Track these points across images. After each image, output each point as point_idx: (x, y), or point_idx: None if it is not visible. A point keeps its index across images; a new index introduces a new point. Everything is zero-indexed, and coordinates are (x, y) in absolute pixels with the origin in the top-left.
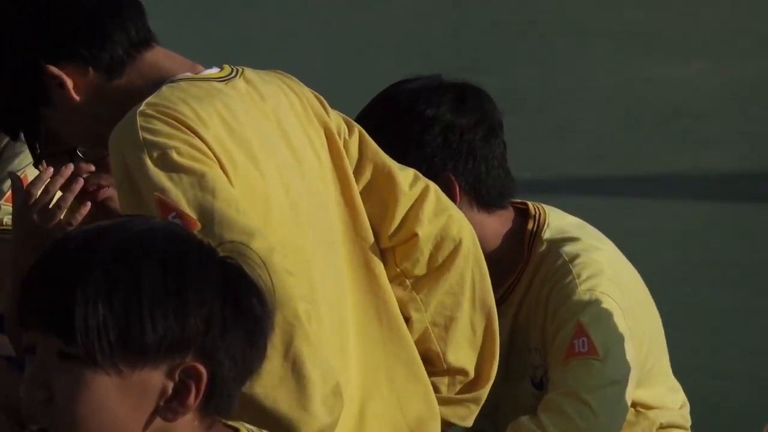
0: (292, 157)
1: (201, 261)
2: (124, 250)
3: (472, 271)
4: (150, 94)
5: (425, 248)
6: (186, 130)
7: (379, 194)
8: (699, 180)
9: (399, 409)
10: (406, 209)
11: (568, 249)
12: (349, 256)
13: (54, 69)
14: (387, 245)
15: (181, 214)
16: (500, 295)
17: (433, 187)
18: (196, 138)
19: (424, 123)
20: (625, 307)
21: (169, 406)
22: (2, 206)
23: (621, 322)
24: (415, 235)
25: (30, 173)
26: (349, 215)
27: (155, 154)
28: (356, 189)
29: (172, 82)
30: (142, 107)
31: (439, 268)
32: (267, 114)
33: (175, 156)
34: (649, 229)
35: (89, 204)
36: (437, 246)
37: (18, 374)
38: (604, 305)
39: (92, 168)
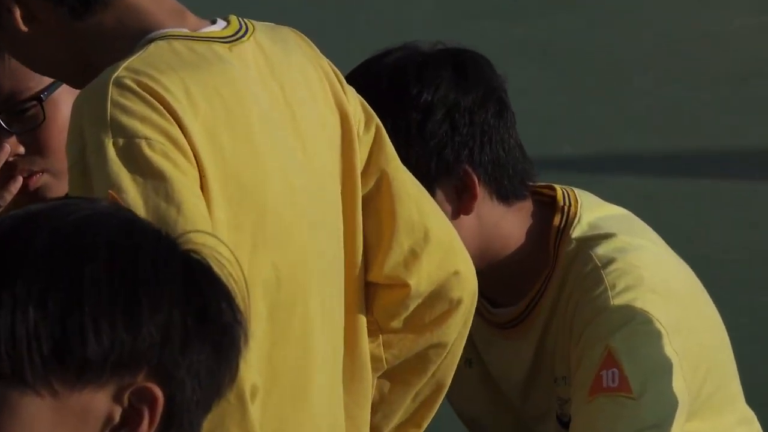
0: (301, 153)
1: (158, 256)
2: (62, 241)
3: (457, 335)
4: (125, 46)
5: (412, 304)
6: (167, 115)
7: (377, 215)
8: None
9: None
10: (407, 247)
11: (601, 250)
12: (345, 288)
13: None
14: (370, 280)
15: None
16: (520, 311)
17: (452, 234)
18: (177, 128)
19: (423, 109)
20: (673, 325)
21: None
22: None
23: (665, 347)
24: (406, 285)
25: None
26: (348, 234)
27: (121, 141)
28: (360, 201)
29: (163, 38)
30: (119, 72)
31: (421, 328)
32: (274, 93)
33: (145, 149)
34: (720, 218)
35: (20, 180)
36: (428, 304)
37: None
38: (643, 325)
39: (21, 150)
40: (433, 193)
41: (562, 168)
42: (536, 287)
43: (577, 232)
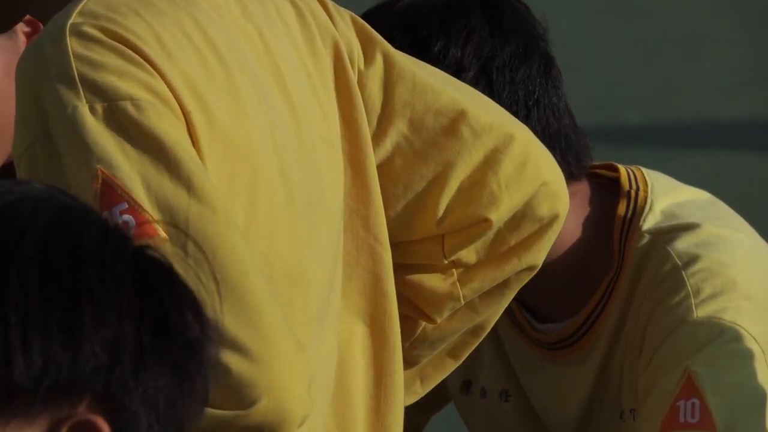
0: (289, 116)
1: (103, 252)
2: None
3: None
4: None
5: (492, 232)
6: (147, 66)
7: (418, 162)
8: None
9: None
10: (467, 173)
11: (681, 245)
12: (348, 259)
13: None
14: (431, 233)
15: (133, 208)
16: (576, 327)
17: (522, 135)
18: (161, 81)
19: (450, 67)
20: None
21: None
22: None
23: (760, 372)
24: (486, 220)
25: None
26: (355, 198)
27: (99, 106)
28: (370, 155)
29: None
30: (73, 18)
31: (504, 254)
32: (252, 38)
33: (132, 112)
34: None
35: None
36: (512, 226)
37: None
38: (734, 344)
39: None
40: None
41: (626, 141)
42: (597, 296)
43: (649, 222)
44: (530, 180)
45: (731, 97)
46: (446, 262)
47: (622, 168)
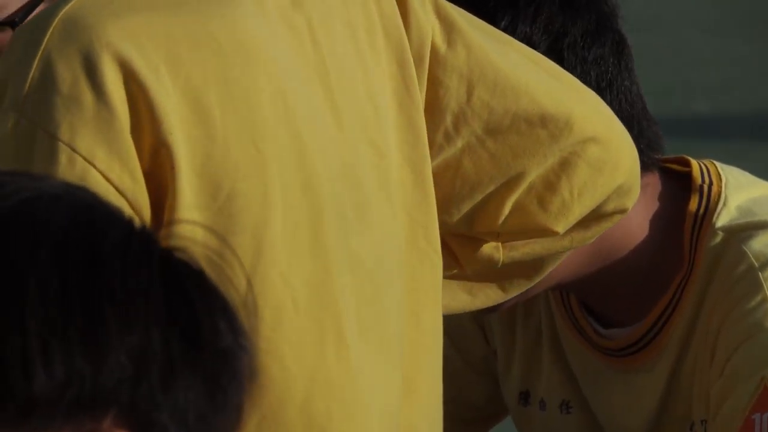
0: (326, 106)
1: (128, 255)
2: None
3: None
4: None
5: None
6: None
7: (490, 164)
8: None
9: None
10: (540, 174)
11: (758, 244)
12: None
13: None
14: (489, 230)
15: None
16: (645, 331)
17: (603, 131)
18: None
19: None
20: None
21: None
22: None
23: None
24: (553, 231)
25: None
26: (417, 207)
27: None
28: (428, 159)
29: None
30: (56, 22)
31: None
32: (298, 29)
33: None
34: None
35: None
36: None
37: None
38: None
39: None
40: None
41: (697, 133)
42: (666, 298)
43: (723, 219)
44: (605, 185)
45: None
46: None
47: (694, 162)
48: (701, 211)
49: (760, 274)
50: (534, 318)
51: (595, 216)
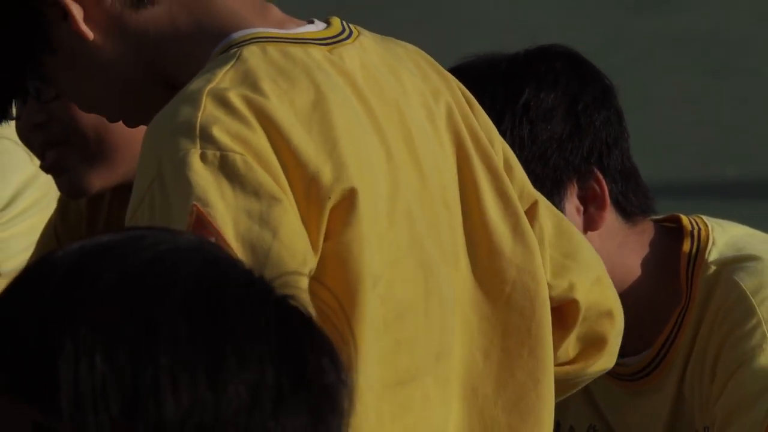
0: (418, 182)
1: (248, 301)
2: (136, 281)
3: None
4: (205, 51)
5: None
6: (265, 136)
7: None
8: None
9: None
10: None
11: (748, 275)
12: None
13: None
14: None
15: (221, 244)
16: (652, 357)
17: (602, 266)
18: (285, 147)
19: (541, 107)
20: None
21: None
22: None
23: None
24: (573, 301)
25: None
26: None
27: (211, 153)
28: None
29: (254, 41)
30: (215, 84)
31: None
32: (386, 103)
33: (240, 164)
34: None
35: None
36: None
37: None
38: None
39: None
40: (558, 206)
41: (725, 195)
42: (669, 326)
43: (713, 254)
44: (596, 278)
45: None
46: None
47: (683, 216)
48: (693, 251)
49: (752, 299)
50: None
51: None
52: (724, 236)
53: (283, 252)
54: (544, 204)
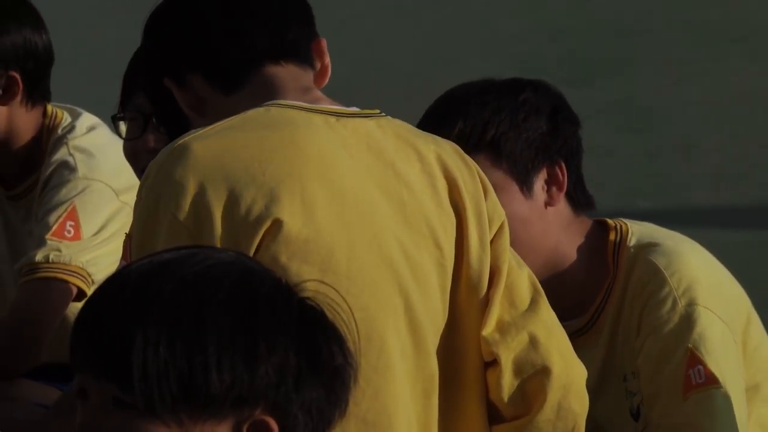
0: (402, 222)
1: (275, 302)
2: (189, 288)
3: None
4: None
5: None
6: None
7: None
8: None
9: None
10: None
11: (659, 255)
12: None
13: (186, 78)
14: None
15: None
16: (587, 320)
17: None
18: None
19: (530, 105)
20: (728, 319)
21: None
22: (48, 241)
23: (727, 336)
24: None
25: (78, 203)
26: (449, 318)
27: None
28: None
29: (270, 105)
30: (196, 133)
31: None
32: (384, 163)
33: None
34: None
35: None
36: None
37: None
38: (710, 321)
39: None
40: (531, 183)
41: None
42: (600, 296)
43: (632, 242)
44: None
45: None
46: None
47: (607, 219)
48: (618, 239)
49: (664, 272)
50: None
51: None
52: (639, 229)
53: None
54: (506, 227)
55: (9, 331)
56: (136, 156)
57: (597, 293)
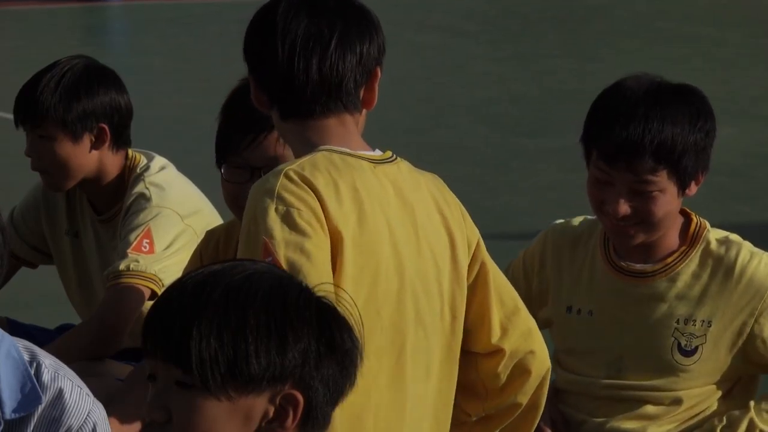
0: (413, 245)
1: (299, 303)
2: (234, 293)
3: (535, 391)
4: (305, 151)
5: (509, 365)
6: (316, 199)
7: (480, 298)
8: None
9: None
10: (502, 319)
11: (736, 242)
12: (443, 346)
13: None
14: (476, 350)
15: (275, 261)
16: (657, 268)
17: (532, 321)
18: (320, 208)
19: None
20: None
21: (270, 427)
22: (129, 254)
23: None
24: (502, 350)
25: (153, 225)
26: (450, 312)
27: (281, 207)
28: (464, 291)
29: (327, 150)
30: (292, 166)
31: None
32: (400, 203)
33: (296, 215)
34: None
35: None
36: (516, 369)
37: None
38: None
39: None
40: (690, 183)
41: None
42: (674, 256)
43: (708, 228)
44: (526, 344)
45: None
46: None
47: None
48: (698, 222)
49: (742, 246)
50: (578, 263)
51: (523, 374)
52: (711, 229)
53: (312, 269)
54: (482, 243)
55: (98, 324)
56: (237, 199)
57: (672, 254)
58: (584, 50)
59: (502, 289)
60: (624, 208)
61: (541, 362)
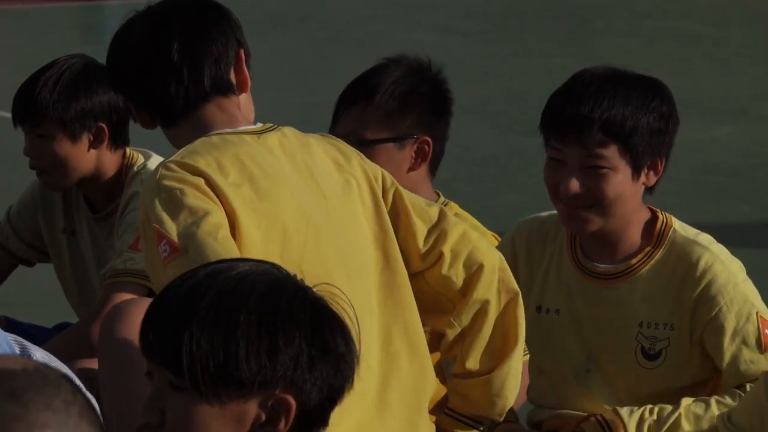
0: (318, 196)
1: (293, 305)
2: (226, 296)
3: (497, 286)
4: (197, 136)
5: (454, 267)
6: (197, 176)
7: (403, 221)
8: (736, 232)
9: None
10: (429, 230)
11: (699, 245)
12: (381, 281)
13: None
14: (420, 269)
15: (169, 242)
16: (620, 270)
17: (460, 229)
18: (204, 184)
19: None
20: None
21: (264, 430)
22: (126, 253)
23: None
24: (441, 254)
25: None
26: (381, 250)
27: (164, 195)
28: (390, 228)
29: (209, 135)
30: (171, 158)
31: (468, 290)
32: (297, 162)
33: (178, 195)
34: None
35: None
36: (465, 268)
37: None
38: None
39: None
40: (644, 167)
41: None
42: (638, 258)
43: (676, 228)
44: (466, 244)
45: None
46: (434, 290)
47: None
48: (664, 221)
49: (717, 256)
50: (545, 260)
51: (475, 269)
52: (680, 224)
53: (203, 235)
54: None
55: (96, 321)
56: None
57: (636, 254)
58: (584, 49)
59: (420, 206)
60: (575, 185)
61: (488, 253)
